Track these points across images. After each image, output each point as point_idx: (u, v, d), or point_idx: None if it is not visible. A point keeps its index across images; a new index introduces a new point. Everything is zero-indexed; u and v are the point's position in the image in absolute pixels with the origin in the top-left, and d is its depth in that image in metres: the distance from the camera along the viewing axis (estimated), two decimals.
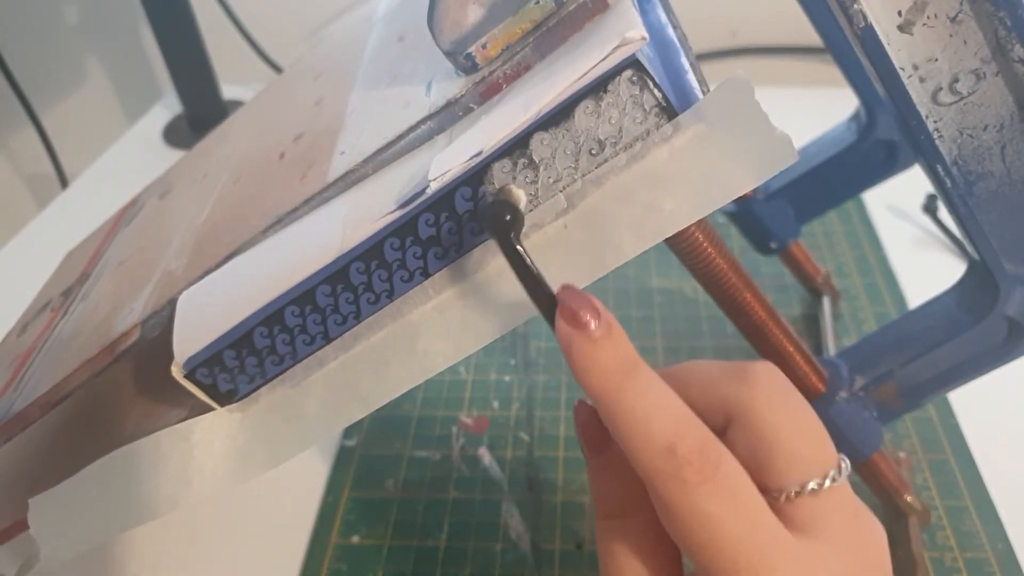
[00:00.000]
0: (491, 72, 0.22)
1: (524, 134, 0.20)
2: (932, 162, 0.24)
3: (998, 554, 0.35)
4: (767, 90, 0.23)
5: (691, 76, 0.22)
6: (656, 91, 0.19)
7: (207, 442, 0.24)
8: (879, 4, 0.21)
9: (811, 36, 0.36)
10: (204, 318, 0.23)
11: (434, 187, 0.20)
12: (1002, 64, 0.21)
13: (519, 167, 0.20)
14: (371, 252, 0.21)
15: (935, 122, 0.23)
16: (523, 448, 0.41)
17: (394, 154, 0.23)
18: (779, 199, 0.42)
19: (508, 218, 0.19)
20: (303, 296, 0.22)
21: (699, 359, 0.21)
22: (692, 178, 0.20)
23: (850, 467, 0.19)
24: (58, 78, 0.78)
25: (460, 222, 0.21)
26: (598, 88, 0.20)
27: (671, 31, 0.24)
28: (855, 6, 0.21)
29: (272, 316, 0.22)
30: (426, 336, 0.22)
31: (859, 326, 0.47)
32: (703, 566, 0.18)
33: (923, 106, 0.22)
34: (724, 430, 0.19)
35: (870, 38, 0.21)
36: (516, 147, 0.20)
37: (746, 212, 0.42)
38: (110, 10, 0.81)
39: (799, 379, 0.30)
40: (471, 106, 0.22)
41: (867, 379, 0.31)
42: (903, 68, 0.22)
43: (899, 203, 0.55)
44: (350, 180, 0.23)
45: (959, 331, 0.29)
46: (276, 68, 0.77)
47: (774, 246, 0.43)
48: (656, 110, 0.20)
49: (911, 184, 0.40)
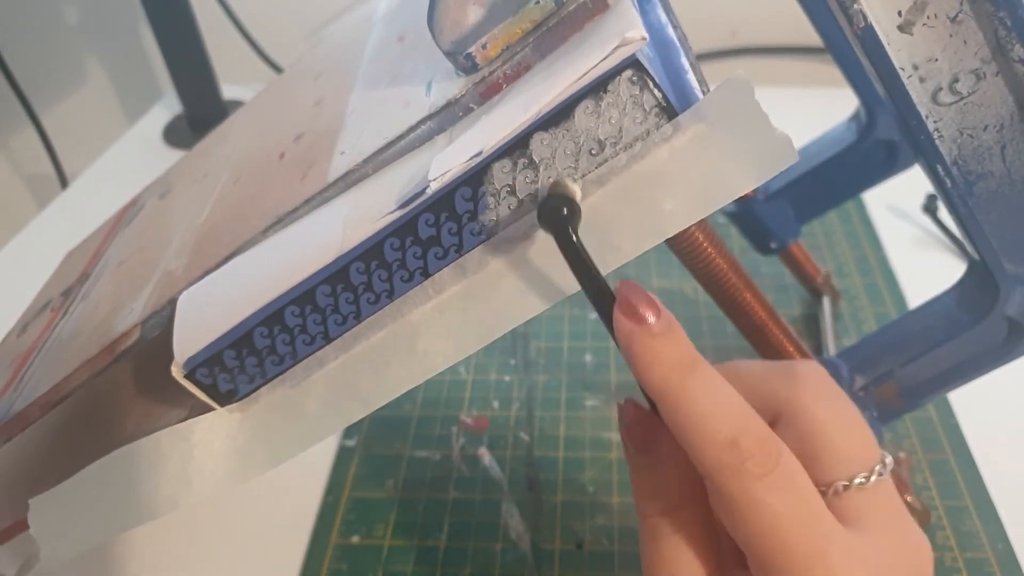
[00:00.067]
0: (491, 72, 0.22)
1: (524, 134, 0.20)
2: (932, 162, 0.24)
3: (998, 554, 0.35)
4: (767, 90, 0.23)
5: (691, 76, 0.22)
6: (656, 91, 0.19)
7: (207, 442, 0.24)
8: (879, 4, 0.21)
9: (811, 36, 0.36)
10: (204, 318, 0.23)
11: (434, 187, 0.20)
12: (1002, 64, 0.21)
13: (519, 167, 0.20)
14: (371, 252, 0.21)
15: (935, 122, 0.23)
16: (523, 448, 0.41)
17: (394, 154, 0.23)
18: (779, 199, 0.42)
19: (565, 212, 0.19)
20: (303, 296, 0.22)
21: (737, 360, 0.22)
22: (692, 178, 0.20)
23: (893, 464, 0.20)
24: (58, 78, 0.78)
25: (460, 222, 0.21)
26: (598, 88, 0.20)
27: (671, 31, 0.24)
28: (855, 6, 0.21)
29: (272, 316, 0.22)
30: (426, 336, 0.22)
31: (859, 326, 0.47)
32: (759, 557, 0.18)
33: (923, 106, 0.22)
34: (771, 427, 0.19)
35: (870, 38, 0.21)
36: (516, 147, 0.20)
37: (746, 212, 0.42)
38: (110, 10, 0.81)
39: None
40: (471, 106, 0.22)
41: (867, 379, 0.31)
42: (903, 68, 0.22)
43: (899, 203, 0.55)
44: (350, 180, 0.23)
45: (959, 331, 0.29)
46: (276, 68, 0.77)
47: (774, 246, 0.43)
48: (656, 110, 0.20)
49: (911, 184, 0.40)
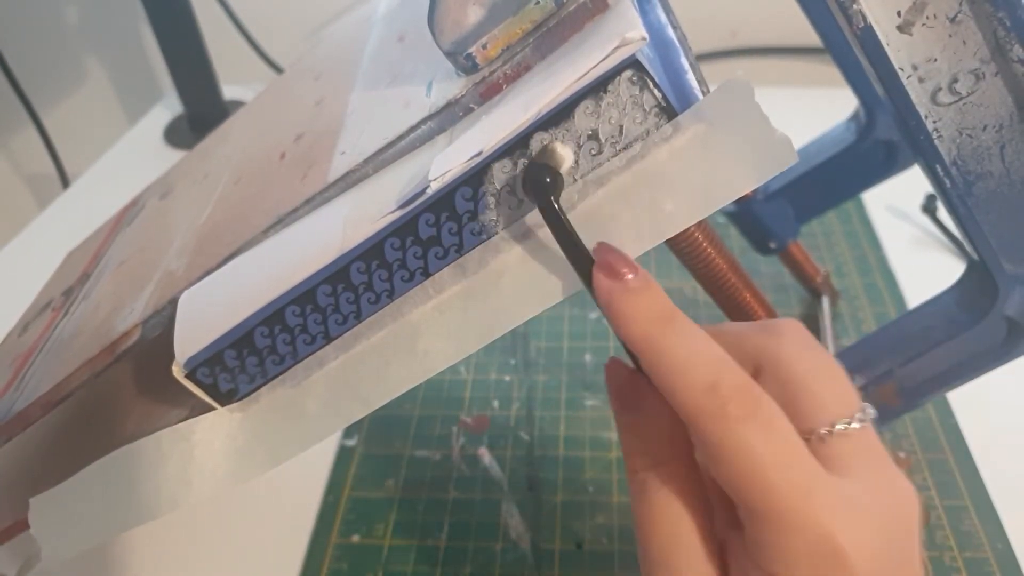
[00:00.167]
0: (491, 72, 0.22)
1: (524, 134, 0.20)
2: (931, 162, 0.24)
3: (997, 554, 0.35)
4: (767, 90, 0.23)
5: (691, 76, 0.22)
6: (656, 91, 0.20)
7: (207, 442, 0.24)
8: (878, 4, 0.21)
9: (811, 36, 0.36)
10: (205, 318, 0.23)
11: (434, 187, 0.20)
12: (1001, 64, 0.21)
13: (519, 167, 0.20)
14: (372, 252, 0.21)
15: (934, 122, 0.23)
16: (523, 448, 0.41)
17: (394, 154, 0.23)
18: (778, 199, 0.42)
19: (548, 180, 0.19)
20: (304, 296, 0.22)
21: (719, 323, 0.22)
22: (692, 179, 0.20)
23: (875, 414, 0.20)
24: (59, 78, 0.78)
25: (460, 222, 0.21)
26: (598, 88, 0.20)
27: (671, 31, 0.24)
28: (854, 6, 0.21)
29: (273, 316, 0.22)
30: (426, 336, 0.22)
31: (858, 326, 0.47)
32: (744, 501, 0.18)
33: (922, 106, 0.22)
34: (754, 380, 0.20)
35: (869, 38, 0.21)
36: (516, 147, 0.20)
37: (746, 212, 0.42)
38: (111, 10, 0.81)
39: None
40: (471, 106, 0.22)
41: (866, 379, 0.31)
42: (902, 68, 0.22)
43: (898, 203, 0.55)
44: (350, 180, 0.23)
45: (958, 331, 0.29)
46: (276, 68, 0.77)
47: (774, 246, 0.43)
48: (656, 110, 0.20)
49: (910, 184, 0.40)
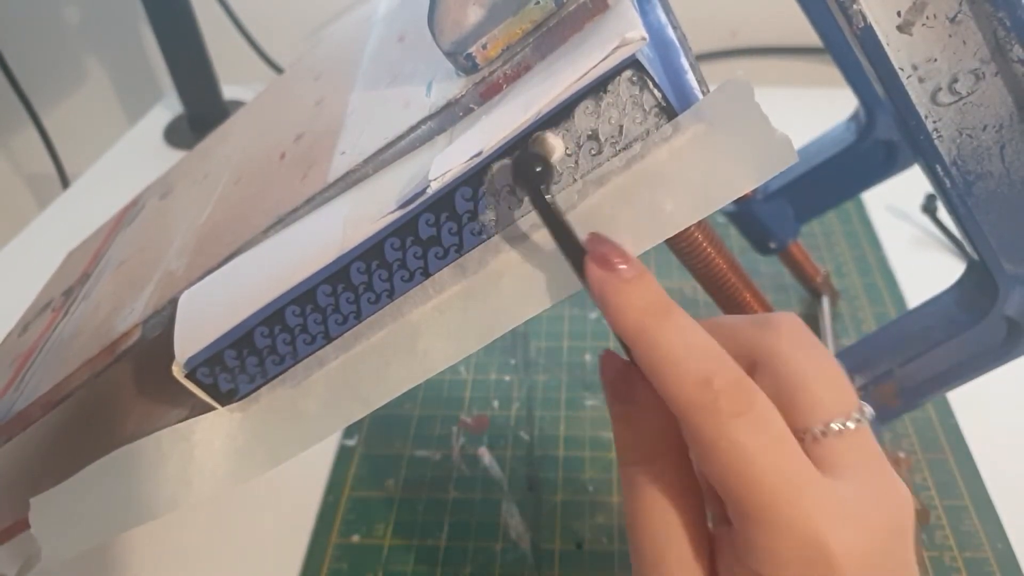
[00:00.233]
0: (491, 72, 0.22)
1: (524, 134, 0.20)
2: (931, 162, 0.24)
3: (997, 553, 0.35)
4: (767, 90, 0.23)
5: (691, 76, 0.22)
6: (656, 91, 0.20)
7: (207, 442, 0.24)
8: (878, 4, 0.21)
9: (811, 36, 0.36)
10: (205, 318, 0.23)
11: (434, 187, 0.20)
12: (1001, 64, 0.21)
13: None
14: (372, 252, 0.21)
15: (934, 122, 0.23)
16: (523, 448, 0.41)
17: (394, 154, 0.23)
18: (778, 199, 0.42)
19: (538, 170, 0.19)
20: (304, 296, 0.22)
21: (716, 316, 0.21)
22: (692, 178, 0.20)
23: (873, 414, 0.19)
24: (59, 78, 0.78)
25: (460, 222, 0.21)
26: (598, 88, 0.20)
27: (671, 31, 0.24)
28: (854, 6, 0.21)
29: (273, 316, 0.22)
30: (426, 336, 0.22)
31: (858, 326, 0.47)
32: (734, 499, 0.18)
33: (922, 106, 0.22)
34: (749, 376, 0.19)
35: (869, 38, 0.21)
36: (516, 147, 0.20)
37: (745, 212, 0.42)
38: (110, 10, 0.81)
39: None
40: (471, 106, 0.22)
41: (866, 379, 0.31)
42: (902, 68, 0.22)
43: (898, 203, 0.55)
44: (350, 180, 0.23)
45: (958, 331, 0.29)
46: (276, 68, 0.77)
47: (773, 246, 0.43)
48: (656, 110, 0.20)
49: (910, 184, 0.40)
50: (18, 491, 0.27)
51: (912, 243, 0.53)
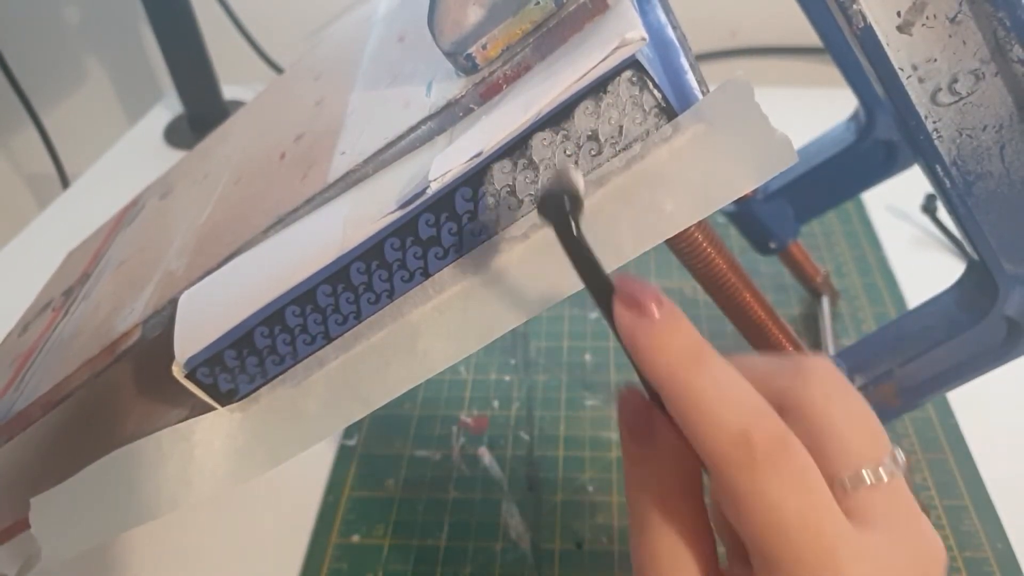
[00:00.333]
0: (491, 73, 0.22)
1: (524, 134, 0.20)
2: (931, 162, 0.24)
3: (997, 553, 0.35)
4: (767, 90, 0.23)
5: (691, 76, 0.22)
6: (656, 91, 0.20)
7: (207, 442, 0.24)
8: (878, 5, 0.21)
9: (811, 36, 0.36)
10: (205, 318, 0.23)
11: (434, 187, 0.20)
12: (1001, 64, 0.21)
13: (519, 168, 0.20)
14: (372, 252, 0.21)
15: (934, 122, 0.23)
16: (523, 448, 0.41)
17: (394, 154, 0.23)
18: (778, 199, 0.42)
19: (569, 206, 0.18)
20: (304, 296, 0.22)
21: (742, 354, 0.21)
22: (692, 179, 0.20)
23: (904, 459, 0.19)
24: (59, 78, 0.78)
25: (460, 222, 0.21)
26: (598, 89, 0.20)
27: (671, 31, 0.24)
28: (854, 7, 0.21)
29: (273, 316, 0.22)
30: (426, 336, 0.22)
31: (858, 326, 0.47)
32: (765, 554, 0.17)
33: (922, 106, 0.22)
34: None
35: (869, 39, 0.21)
36: (516, 148, 0.20)
37: (745, 212, 0.42)
38: (110, 10, 0.81)
39: None
40: (471, 107, 0.22)
41: (866, 379, 0.31)
42: (902, 68, 0.22)
43: (898, 203, 0.55)
44: (350, 180, 0.23)
45: (958, 331, 0.29)
46: (276, 68, 0.77)
47: (773, 246, 0.43)
48: (656, 111, 0.20)
49: (910, 184, 0.40)
50: (18, 491, 0.27)
51: (912, 243, 0.53)
